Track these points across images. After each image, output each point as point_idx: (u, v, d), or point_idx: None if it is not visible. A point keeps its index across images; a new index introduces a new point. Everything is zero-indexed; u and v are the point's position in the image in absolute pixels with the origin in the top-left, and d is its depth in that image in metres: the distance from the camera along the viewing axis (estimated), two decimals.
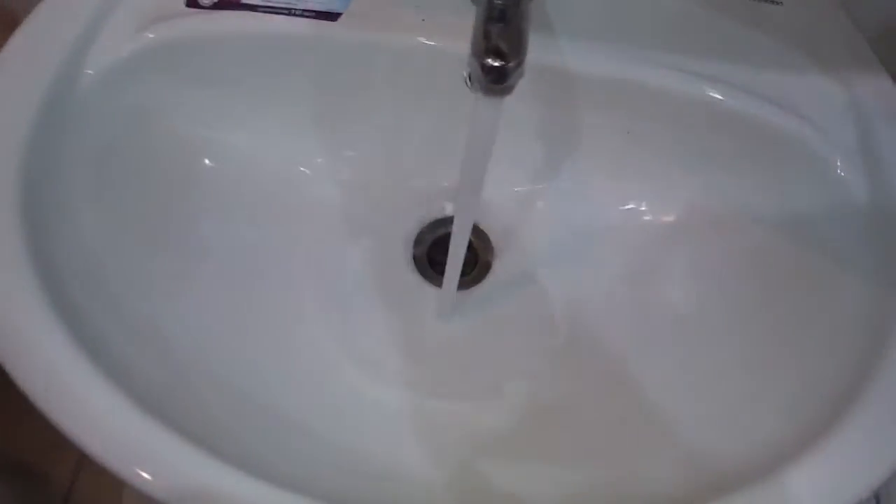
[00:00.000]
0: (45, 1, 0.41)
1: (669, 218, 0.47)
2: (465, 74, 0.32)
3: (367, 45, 0.43)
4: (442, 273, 0.47)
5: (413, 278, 0.48)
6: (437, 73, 0.44)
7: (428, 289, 0.48)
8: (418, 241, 0.49)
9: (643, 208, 0.48)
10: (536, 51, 0.33)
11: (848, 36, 0.47)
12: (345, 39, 0.43)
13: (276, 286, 0.45)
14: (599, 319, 0.46)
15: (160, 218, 0.43)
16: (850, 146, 0.42)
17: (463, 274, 0.44)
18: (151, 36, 0.41)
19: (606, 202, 0.48)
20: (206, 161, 0.46)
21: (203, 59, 0.43)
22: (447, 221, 0.50)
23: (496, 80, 0.31)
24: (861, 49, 0.46)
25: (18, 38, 0.40)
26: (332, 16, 0.43)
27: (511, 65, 0.31)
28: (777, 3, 0.47)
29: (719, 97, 0.43)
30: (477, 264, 0.49)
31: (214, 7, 0.43)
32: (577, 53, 0.43)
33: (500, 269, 0.48)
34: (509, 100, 0.32)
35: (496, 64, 0.31)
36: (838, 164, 0.41)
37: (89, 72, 0.40)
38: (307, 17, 0.43)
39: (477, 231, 0.49)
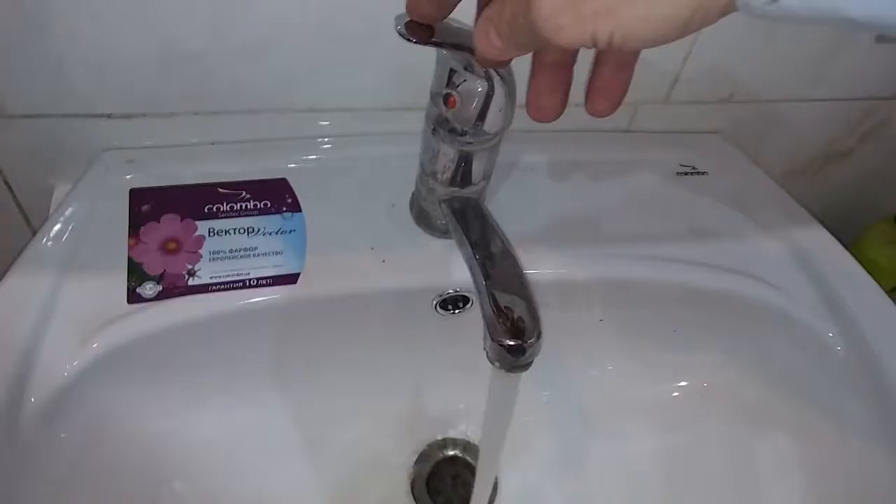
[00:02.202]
0: None
1: (653, 401, 0.48)
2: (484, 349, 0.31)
3: (335, 298, 0.41)
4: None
5: None
6: (409, 311, 0.43)
7: None
8: (415, 477, 0.46)
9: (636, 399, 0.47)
10: None
11: (771, 190, 0.50)
12: (311, 301, 0.41)
13: None
14: None
15: None
16: (812, 300, 0.44)
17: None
18: (97, 347, 0.37)
19: (600, 398, 0.48)
20: (184, 457, 0.41)
21: (158, 354, 0.39)
22: (435, 452, 0.47)
23: (515, 360, 0.30)
24: (785, 200, 0.49)
25: None
26: (291, 278, 0.41)
27: (530, 341, 0.30)
28: (702, 174, 0.50)
29: (684, 279, 0.44)
30: None
31: (159, 297, 0.39)
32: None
33: (508, 486, 0.46)
34: None
35: (513, 344, 0.30)
36: (807, 320, 0.43)
37: (32, 400, 0.35)
38: (265, 285, 0.40)
39: (474, 449, 0.47)
